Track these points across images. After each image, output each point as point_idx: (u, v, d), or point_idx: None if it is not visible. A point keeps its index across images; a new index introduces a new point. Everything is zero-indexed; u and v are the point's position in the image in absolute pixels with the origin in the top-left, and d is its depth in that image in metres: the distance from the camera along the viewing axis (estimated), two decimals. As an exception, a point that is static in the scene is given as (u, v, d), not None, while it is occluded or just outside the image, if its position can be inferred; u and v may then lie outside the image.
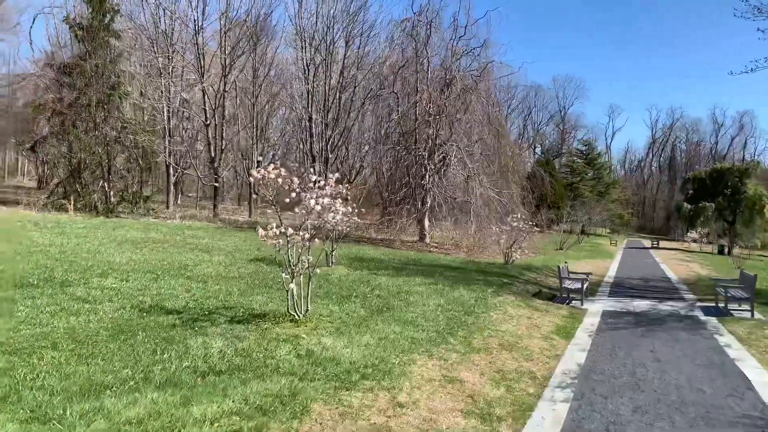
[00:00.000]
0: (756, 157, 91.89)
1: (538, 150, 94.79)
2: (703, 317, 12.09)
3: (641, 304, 13.82)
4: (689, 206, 52.02)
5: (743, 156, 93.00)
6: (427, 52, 32.63)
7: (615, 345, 8.86)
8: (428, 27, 32.56)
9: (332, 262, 14.69)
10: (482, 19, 50.41)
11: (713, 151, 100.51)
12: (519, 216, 23.39)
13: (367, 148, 42.07)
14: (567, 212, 53.41)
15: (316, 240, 8.10)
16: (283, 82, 46.66)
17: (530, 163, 62.26)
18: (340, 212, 8.36)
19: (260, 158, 45.24)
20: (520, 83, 67.73)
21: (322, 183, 8.28)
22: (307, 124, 40.93)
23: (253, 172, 7.89)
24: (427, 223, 31.50)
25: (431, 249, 27.66)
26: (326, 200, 7.95)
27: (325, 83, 40.22)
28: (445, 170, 31.75)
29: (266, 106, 48.73)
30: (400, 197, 31.70)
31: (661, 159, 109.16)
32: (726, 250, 47.23)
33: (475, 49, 33.02)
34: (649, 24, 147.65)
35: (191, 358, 5.92)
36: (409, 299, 11.14)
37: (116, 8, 29.32)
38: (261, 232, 7.58)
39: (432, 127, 31.24)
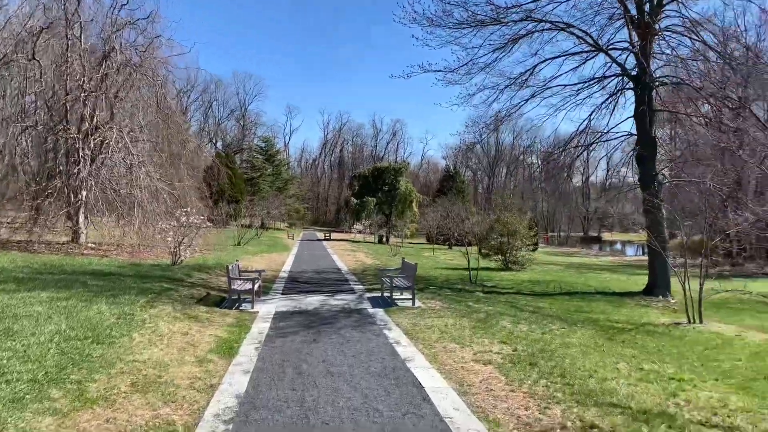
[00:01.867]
0: (406, 158, 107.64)
1: (219, 144, 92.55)
2: (371, 309, 11.92)
3: (314, 301, 13.10)
4: (355, 201, 57.26)
5: (396, 158, 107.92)
6: (80, 16, 27.12)
7: (284, 358, 7.50)
8: (80, -15, 27.04)
9: None
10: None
11: (374, 153, 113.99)
12: (189, 210, 20.89)
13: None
14: (246, 206, 52.72)
15: None
16: None
17: (210, 157, 59.57)
18: None
19: None
20: (201, 73, 64.24)
21: None
22: None
23: None
24: (82, 219, 26.09)
25: (85, 251, 22.88)
26: None
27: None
28: (104, 157, 26.93)
29: None
30: (45, 188, 25.55)
31: (332, 158, 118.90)
32: (384, 239, 53.41)
33: (140, 21, 28.95)
34: (330, 27, 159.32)
35: None
36: (13, 327, 7.84)
37: None
38: None
39: (87, 105, 26.07)
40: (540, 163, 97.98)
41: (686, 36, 17.06)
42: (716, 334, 10.03)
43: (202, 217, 21.52)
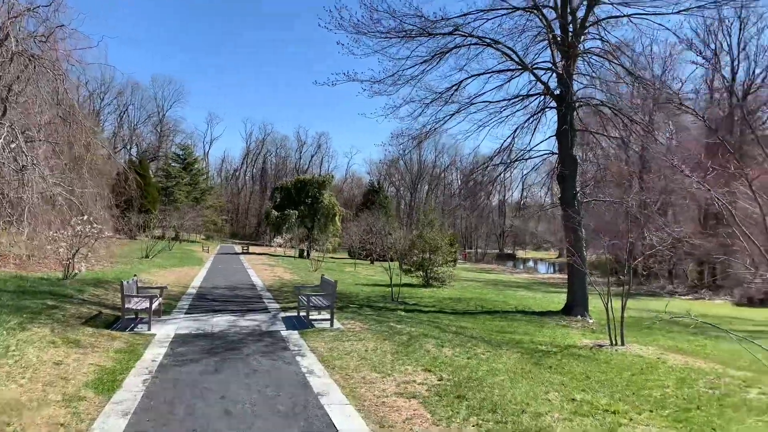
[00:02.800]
0: (330, 172, 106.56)
1: (134, 151, 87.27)
2: (285, 331, 10.89)
3: (221, 322, 11.87)
4: (276, 213, 55.36)
5: (320, 172, 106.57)
6: (-31, -2, 24.29)
7: (177, 394, 6.37)
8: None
9: None
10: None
11: (297, 166, 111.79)
12: (86, 218, 18.85)
13: None
14: (157, 217, 49.58)
15: None
16: None
17: (122, 163, 55.79)
18: None
19: None
20: (117, 75, 60.14)
21: None
22: None
23: None
24: (-42, 225, 23.15)
25: (-41, 262, 20.14)
26: None
27: None
28: (-9, 157, 24.07)
29: None
30: None
31: (254, 170, 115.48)
32: (305, 253, 51.99)
33: (41, 8, 26.39)
34: (250, 37, 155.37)
35: None
36: None
37: None
38: None
39: (-28, 97, 23.25)
40: (460, 180, 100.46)
41: (606, 59, 17.49)
42: (639, 357, 9.85)
43: (99, 227, 19.42)
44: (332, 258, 51.82)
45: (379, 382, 7.17)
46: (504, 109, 18.65)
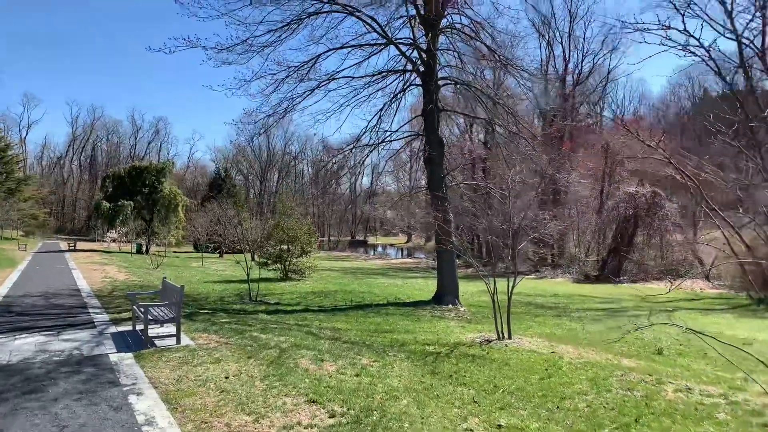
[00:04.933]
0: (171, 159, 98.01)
1: None
2: (115, 355, 8.36)
3: (25, 346, 8.91)
4: (108, 205, 48.80)
5: (159, 159, 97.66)
6: None
7: None
8: None
9: None
10: None
11: (132, 153, 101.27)
12: None
13: None
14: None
15: None
16: None
17: None
18: None
19: None
20: None
21: None
22: None
23: None
24: None
25: None
26: None
27: None
28: None
29: None
30: None
31: (82, 157, 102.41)
32: (144, 249, 46.64)
33: None
34: (74, 12, 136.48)
35: None
36: None
37: None
38: None
39: None
40: (312, 167, 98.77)
41: (469, 36, 16.92)
42: (533, 353, 9.06)
43: None
44: (176, 252, 47.22)
45: (251, 430, 5.28)
46: (367, 86, 17.31)
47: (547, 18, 44.39)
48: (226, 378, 6.96)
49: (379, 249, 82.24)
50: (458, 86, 17.81)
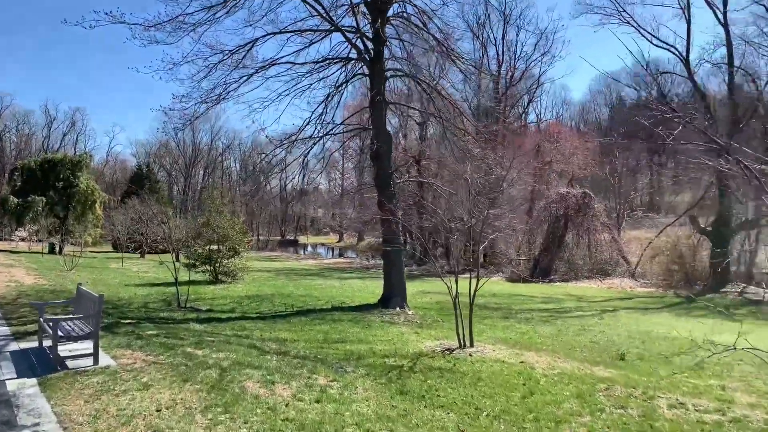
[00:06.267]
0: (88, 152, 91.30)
1: None
2: (14, 381, 6.82)
3: None
4: (16, 200, 44.26)
5: (75, 153, 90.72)
6: None
7: None
8: None
9: None
10: None
11: (45, 146, 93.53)
12: None
13: None
14: None
15: None
16: None
17: None
18: None
19: None
20: None
21: None
22: None
23: None
24: None
25: None
26: None
27: None
28: None
29: None
30: None
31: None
32: (58, 248, 42.68)
33: None
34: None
35: None
36: None
37: None
38: None
39: None
40: (241, 163, 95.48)
41: (417, 27, 16.17)
42: (501, 363, 8.35)
43: None
44: (93, 252, 43.66)
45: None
46: (309, 74, 16.10)
47: (481, 19, 44.66)
48: (158, 411, 5.67)
49: (310, 249, 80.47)
50: (405, 78, 17.00)
